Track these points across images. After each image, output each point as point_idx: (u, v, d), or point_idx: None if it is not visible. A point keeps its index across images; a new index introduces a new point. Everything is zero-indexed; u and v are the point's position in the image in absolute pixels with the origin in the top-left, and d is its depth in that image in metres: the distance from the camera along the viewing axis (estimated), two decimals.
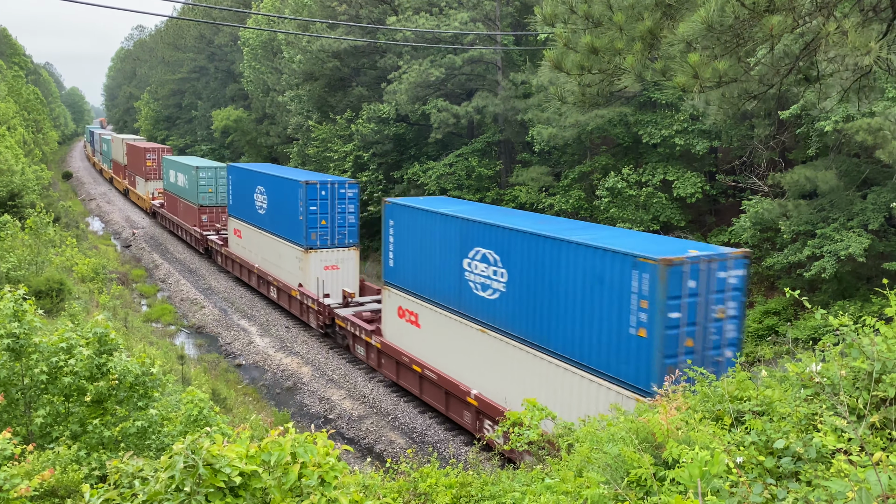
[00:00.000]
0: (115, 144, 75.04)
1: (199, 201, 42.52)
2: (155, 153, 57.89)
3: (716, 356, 13.67)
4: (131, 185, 65.40)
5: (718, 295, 13.59)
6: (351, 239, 28.93)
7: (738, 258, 13.85)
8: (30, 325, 9.04)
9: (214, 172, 42.62)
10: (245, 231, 35.35)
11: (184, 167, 44.88)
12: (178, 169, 46.49)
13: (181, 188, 45.78)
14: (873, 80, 8.16)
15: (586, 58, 8.08)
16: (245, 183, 34.99)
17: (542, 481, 5.89)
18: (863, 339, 5.22)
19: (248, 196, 34.69)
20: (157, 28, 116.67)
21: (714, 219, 30.82)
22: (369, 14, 40.52)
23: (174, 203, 48.59)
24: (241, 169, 36.52)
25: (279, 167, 39.94)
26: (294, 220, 29.05)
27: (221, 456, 4.17)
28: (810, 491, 3.81)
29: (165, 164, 50.00)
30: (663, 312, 12.85)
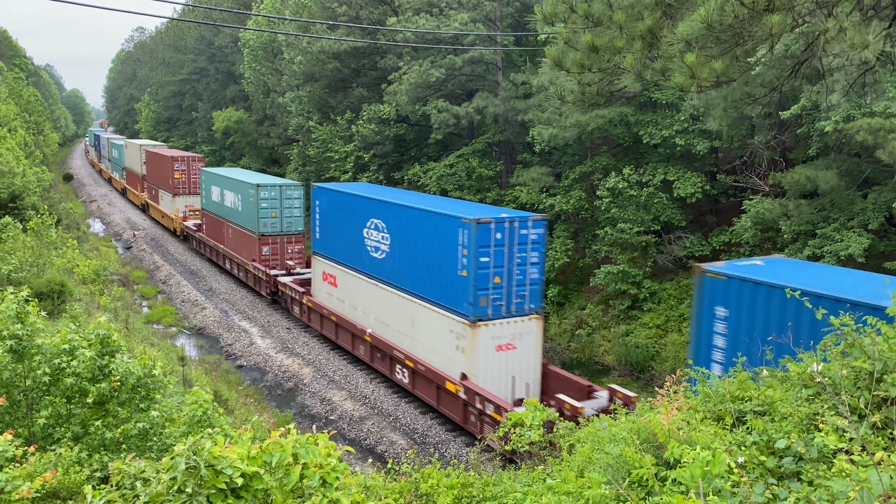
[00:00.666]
0: (129, 151, 66.47)
1: (259, 228, 33.19)
2: (184, 163, 49.25)
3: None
4: (152, 199, 56.07)
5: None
6: (532, 303, 19.45)
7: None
8: (32, 327, 9.05)
9: (279, 192, 33.81)
10: (345, 279, 25.77)
11: (235, 184, 35.92)
12: (226, 185, 37.38)
13: (230, 210, 36.92)
14: (875, 77, 8.16)
15: (587, 56, 8.09)
16: (346, 211, 25.38)
17: (544, 482, 5.90)
18: (864, 339, 5.22)
19: (351, 230, 25.12)
20: (158, 29, 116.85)
21: (715, 219, 30.82)
22: (369, 15, 40.55)
23: (218, 228, 39.38)
24: (339, 193, 26.00)
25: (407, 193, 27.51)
26: (448, 273, 19.40)
27: (223, 457, 4.17)
28: (812, 491, 3.81)
29: (205, 179, 41.10)
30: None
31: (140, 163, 59.55)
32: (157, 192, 54.30)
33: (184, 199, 49.09)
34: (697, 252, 28.48)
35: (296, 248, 34.20)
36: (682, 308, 27.46)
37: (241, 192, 34.99)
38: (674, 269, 29.41)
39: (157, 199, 54.75)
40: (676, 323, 27.13)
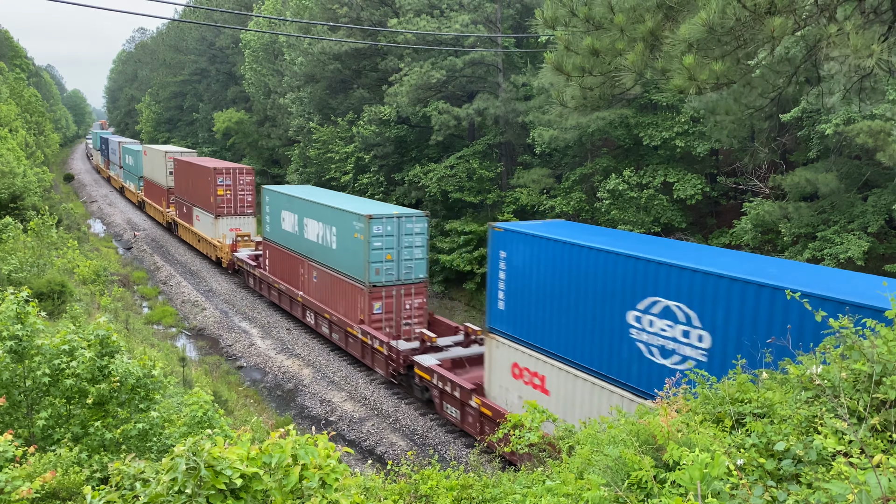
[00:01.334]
0: (150, 159, 56.72)
1: (369, 276, 24.21)
2: (230, 176, 40.05)
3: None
4: (184, 218, 46.74)
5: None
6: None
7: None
8: (32, 328, 9.06)
9: (397, 225, 24.35)
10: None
11: (326, 212, 26.74)
12: (308, 212, 28.23)
13: (316, 246, 27.86)
14: (874, 82, 8.17)
15: (587, 60, 8.09)
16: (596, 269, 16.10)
17: (543, 483, 5.90)
18: (863, 342, 5.23)
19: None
20: (159, 30, 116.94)
21: (715, 220, 30.83)
22: (370, 16, 40.58)
23: (292, 267, 30.25)
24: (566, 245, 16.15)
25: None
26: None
27: (223, 458, 4.18)
28: (811, 493, 3.81)
29: (271, 201, 31.91)
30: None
31: (165, 173, 51.24)
32: (189, 211, 44.91)
33: (228, 222, 39.85)
34: None
35: (415, 302, 25.24)
36: None
37: (336, 224, 25.97)
38: None
39: (189, 218, 45.04)
40: None
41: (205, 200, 41.33)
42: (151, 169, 56.33)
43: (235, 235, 39.21)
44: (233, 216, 40.17)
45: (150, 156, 56.49)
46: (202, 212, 42.21)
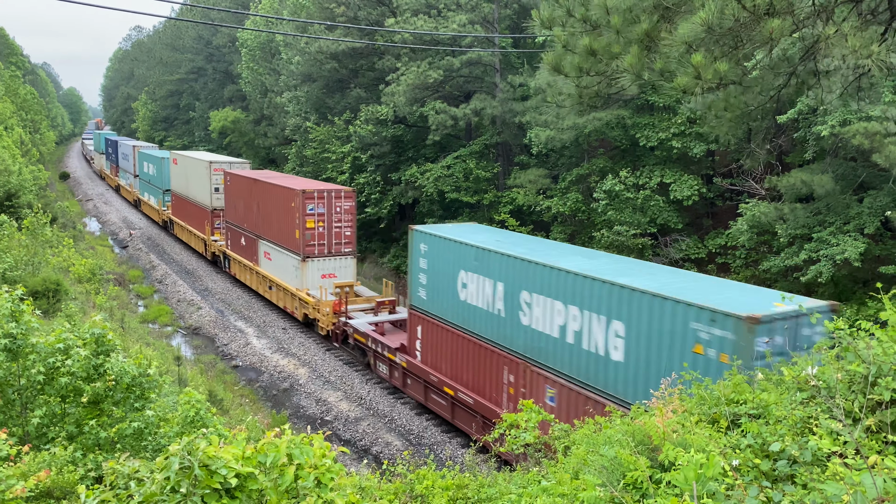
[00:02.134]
0: (182, 170, 45.19)
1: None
2: (323, 201, 28.69)
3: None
4: (242, 251, 35.30)
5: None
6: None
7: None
8: (27, 326, 9.02)
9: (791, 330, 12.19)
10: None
11: (593, 290, 14.66)
12: (536, 282, 16.36)
13: (565, 350, 15.60)
14: (870, 82, 8.18)
15: (584, 59, 8.09)
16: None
17: (539, 483, 5.90)
18: (859, 343, 5.24)
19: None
20: (156, 29, 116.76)
21: (711, 221, 30.87)
22: (367, 16, 40.56)
23: (490, 367, 18.16)
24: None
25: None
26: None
27: (217, 457, 4.17)
28: (806, 494, 3.82)
29: (431, 250, 20.65)
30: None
31: (208, 189, 39.44)
32: (252, 245, 33.58)
33: (320, 265, 28.98)
34: (694, 255, 28.52)
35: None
36: None
37: (625, 315, 13.96)
38: None
39: (251, 253, 33.87)
40: None
41: (283, 233, 30.03)
42: (185, 182, 44.57)
43: (335, 287, 27.80)
44: (326, 257, 28.82)
45: (184, 166, 44.74)
46: (278, 249, 30.82)
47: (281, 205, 30.15)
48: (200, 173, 41.22)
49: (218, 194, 39.22)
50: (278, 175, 37.48)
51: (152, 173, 54.36)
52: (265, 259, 32.73)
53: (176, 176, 47.04)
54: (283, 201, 29.85)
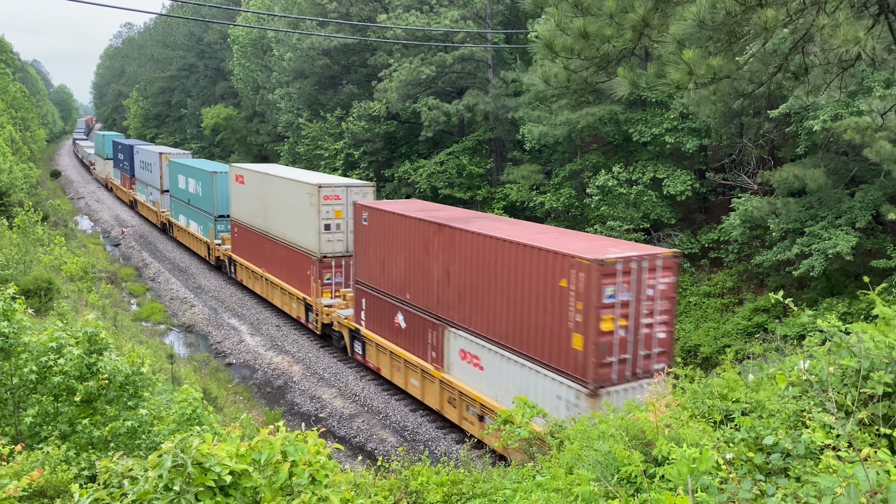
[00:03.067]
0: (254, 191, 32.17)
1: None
2: (629, 277, 14.46)
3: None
4: (408, 342, 20.85)
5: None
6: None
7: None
8: (19, 325, 8.98)
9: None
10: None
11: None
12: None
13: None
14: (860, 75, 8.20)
15: (577, 41, 8.03)
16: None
17: (533, 479, 5.91)
18: (850, 338, 5.26)
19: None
20: (146, 26, 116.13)
21: (704, 216, 30.96)
22: (359, 12, 40.45)
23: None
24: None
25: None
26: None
27: (211, 455, 4.16)
28: (799, 487, 3.83)
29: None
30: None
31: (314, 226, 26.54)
32: (436, 334, 19.45)
33: (621, 397, 14.73)
34: (687, 249, 28.60)
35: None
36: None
37: None
38: None
39: (428, 346, 20.01)
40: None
41: (530, 330, 16.03)
42: (260, 211, 31.41)
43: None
44: (629, 382, 15.01)
45: (259, 187, 31.39)
46: (510, 356, 16.70)
47: (526, 277, 15.96)
48: (297, 200, 27.71)
49: (329, 234, 26.54)
50: (491, 219, 20.69)
51: (196, 192, 40.31)
52: (462, 364, 18.62)
53: (242, 199, 33.44)
54: (536, 271, 15.65)
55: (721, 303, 26.59)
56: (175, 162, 45.10)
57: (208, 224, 38.67)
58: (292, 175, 29.81)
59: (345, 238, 26.64)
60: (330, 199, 26.38)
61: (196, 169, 40.44)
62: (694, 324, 26.08)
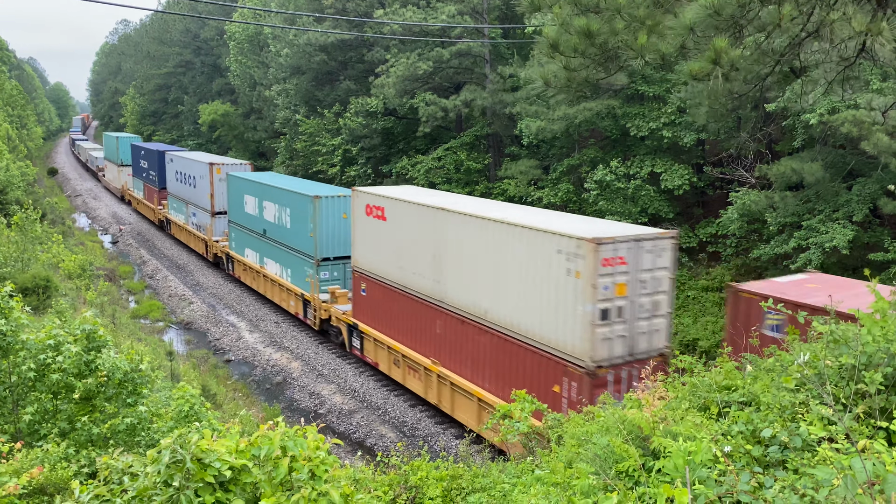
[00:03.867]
0: (412, 233, 20.27)
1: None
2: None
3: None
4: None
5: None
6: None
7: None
8: (17, 323, 8.98)
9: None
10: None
11: None
12: None
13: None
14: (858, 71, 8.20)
15: (581, 40, 8.00)
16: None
17: (532, 473, 5.93)
18: (847, 333, 5.28)
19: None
20: (143, 22, 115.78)
21: (702, 210, 30.97)
22: (356, 7, 40.36)
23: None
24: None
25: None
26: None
27: (211, 451, 4.16)
28: (797, 479, 3.85)
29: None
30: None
31: (576, 312, 14.89)
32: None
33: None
34: (685, 244, 28.62)
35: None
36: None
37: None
38: None
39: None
40: None
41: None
42: (430, 267, 19.59)
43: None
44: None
45: (422, 225, 20.01)
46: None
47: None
48: (529, 260, 16.27)
49: (606, 325, 15.03)
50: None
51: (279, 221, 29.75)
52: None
53: (383, 243, 22.19)
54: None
55: (719, 297, 26.62)
56: (238, 177, 33.71)
57: (305, 269, 27.70)
58: (511, 217, 17.19)
59: (629, 330, 15.28)
60: (611, 266, 14.72)
61: (280, 190, 29.56)
62: (692, 318, 26.12)
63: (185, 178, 41.30)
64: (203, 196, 38.45)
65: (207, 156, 44.35)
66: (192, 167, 39.98)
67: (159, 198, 48.24)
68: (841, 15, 6.74)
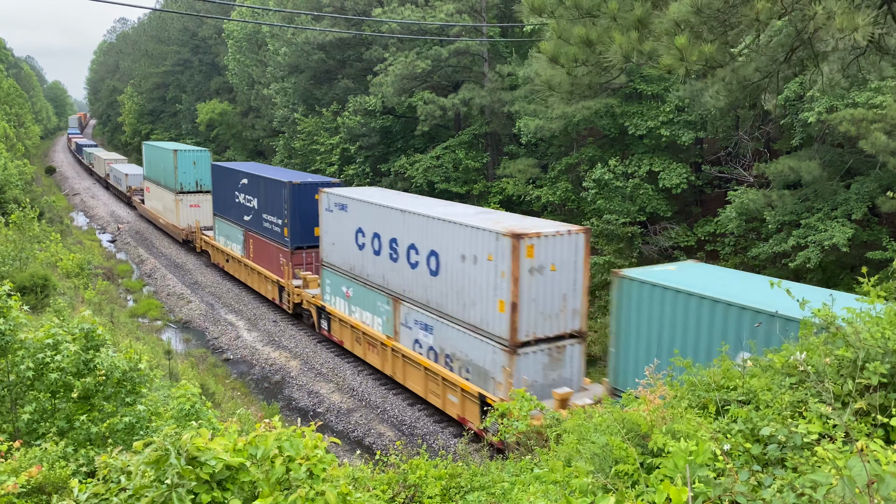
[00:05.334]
0: None
1: None
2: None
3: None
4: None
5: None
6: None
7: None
8: (15, 322, 8.96)
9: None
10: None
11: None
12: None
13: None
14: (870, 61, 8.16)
15: (581, 50, 8.04)
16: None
17: (531, 471, 5.92)
18: (846, 328, 5.28)
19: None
20: (140, 21, 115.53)
21: (700, 209, 30.99)
22: (354, 6, 40.32)
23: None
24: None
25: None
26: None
27: (207, 449, 4.16)
28: (796, 477, 3.85)
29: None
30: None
31: None
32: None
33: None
34: (683, 243, 28.63)
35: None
36: None
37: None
38: (659, 260, 29.57)
39: None
40: None
41: None
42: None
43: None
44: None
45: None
46: None
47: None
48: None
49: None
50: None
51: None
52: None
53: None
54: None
55: None
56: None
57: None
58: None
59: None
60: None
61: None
62: None
63: (402, 248, 20.93)
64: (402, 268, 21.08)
65: (402, 199, 23.37)
66: (436, 232, 19.44)
67: (290, 261, 29.03)
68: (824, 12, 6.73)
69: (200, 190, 42.37)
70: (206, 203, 41.31)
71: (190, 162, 42.62)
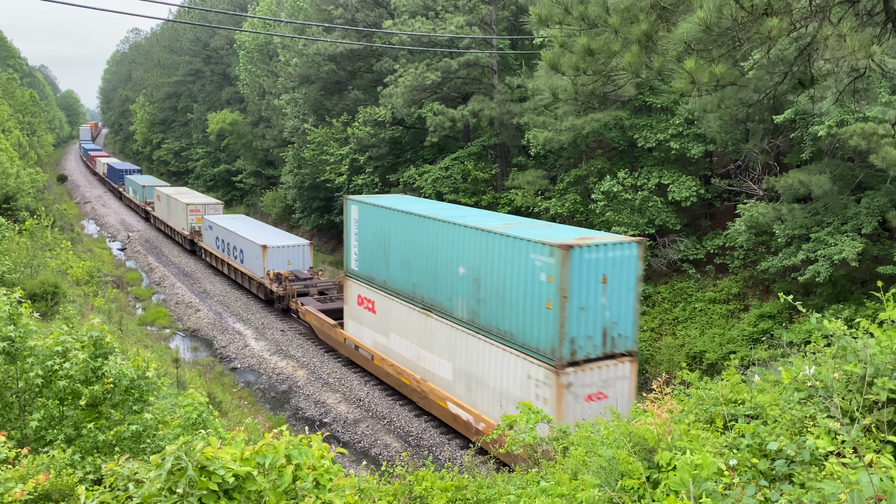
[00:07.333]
0: None
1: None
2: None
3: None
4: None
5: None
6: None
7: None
8: (25, 329, 9.01)
9: None
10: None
11: None
12: None
13: None
14: (867, 84, 8.18)
15: (582, 59, 8.08)
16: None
17: (538, 484, 5.90)
18: (856, 343, 5.25)
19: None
20: (153, 31, 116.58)
21: (709, 222, 30.89)
22: (365, 17, 40.56)
23: None
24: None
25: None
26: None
27: (215, 458, 4.17)
28: (804, 493, 3.82)
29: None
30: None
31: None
32: None
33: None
34: (692, 255, 28.53)
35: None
36: (677, 311, 27.49)
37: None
38: (668, 273, 29.46)
39: None
40: (671, 326, 27.17)
41: None
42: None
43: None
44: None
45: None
46: None
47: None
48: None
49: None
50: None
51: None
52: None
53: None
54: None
55: (726, 309, 26.51)
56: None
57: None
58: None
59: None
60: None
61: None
62: (699, 330, 26.01)
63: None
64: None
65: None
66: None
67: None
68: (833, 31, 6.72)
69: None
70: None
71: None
